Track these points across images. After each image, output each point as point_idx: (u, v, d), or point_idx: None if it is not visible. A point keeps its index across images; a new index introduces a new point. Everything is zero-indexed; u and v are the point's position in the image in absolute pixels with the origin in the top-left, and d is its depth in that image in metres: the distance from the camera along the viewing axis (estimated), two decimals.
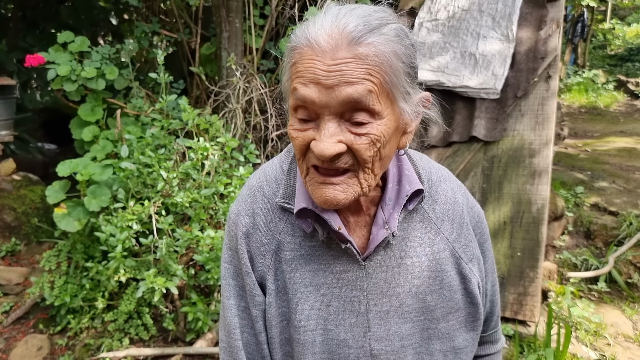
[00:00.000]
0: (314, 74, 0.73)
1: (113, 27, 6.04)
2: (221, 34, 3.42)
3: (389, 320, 0.91)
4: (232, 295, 0.94)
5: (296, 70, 0.76)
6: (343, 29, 0.74)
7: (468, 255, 0.96)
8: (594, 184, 4.95)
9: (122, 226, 2.76)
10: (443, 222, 0.95)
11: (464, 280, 0.95)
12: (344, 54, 0.73)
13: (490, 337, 1.10)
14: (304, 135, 0.78)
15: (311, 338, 0.89)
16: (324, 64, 0.73)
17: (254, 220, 0.92)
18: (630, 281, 3.66)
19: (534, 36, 3.59)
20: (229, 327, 0.93)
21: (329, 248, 0.90)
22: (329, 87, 0.73)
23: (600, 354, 2.93)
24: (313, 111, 0.76)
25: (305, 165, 0.81)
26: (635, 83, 10.78)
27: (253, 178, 0.98)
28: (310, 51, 0.74)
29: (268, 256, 0.91)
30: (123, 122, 3.27)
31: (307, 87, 0.74)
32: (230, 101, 3.35)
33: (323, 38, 0.74)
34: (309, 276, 0.90)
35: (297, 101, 0.76)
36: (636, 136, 7.38)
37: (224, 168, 3.06)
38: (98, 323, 3.09)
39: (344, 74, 0.72)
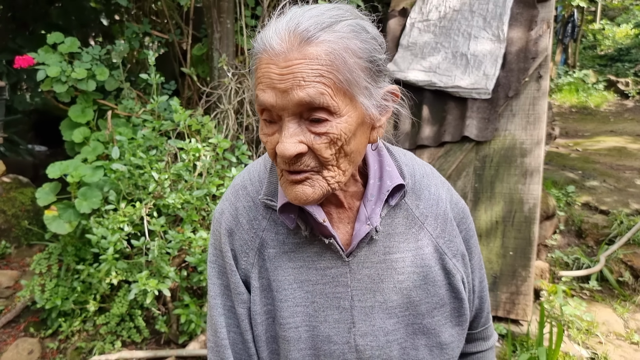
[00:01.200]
0: (269, 78, 0.74)
1: (104, 28, 6.00)
2: (212, 35, 3.41)
3: (373, 315, 0.91)
4: (217, 295, 0.94)
5: (257, 77, 0.78)
6: (294, 30, 0.74)
7: (452, 250, 0.97)
8: (585, 183, 4.99)
9: (113, 228, 2.74)
10: (427, 217, 0.95)
11: (448, 275, 0.96)
12: (295, 55, 0.73)
13: (481, 333, 1.10)
14: (272, 140, 0.79)
15: (297, 335, 0.90)
16: (277, 67, 0.74)
17: (237, 219, 0.93)
18: (621, 279, 3.69)
19: (524, 36, 3.61)
20: (215, 327, 0.94)
21: (312, 244, 0.90)
22: (283, 90, 0.73)
23: (592, 352, 2.95)
24: (275, 114, 0.77)
25: (279, 168, 0.82)
26: (625, 83, 10.87)
27: (238, 178, 0.99)
28: (266, 55, 0.75)
29: (252, 254, 0.92)
30: (114, 124, 3.25)
31: (266, 92, 0.75)
32: (222, 102, 3.34)
33: (276, 41, 0.74)
34: (292, 273, 0.91)
35: (259, 106, 0.78)
36: (626, 136, 7.45)
37: (216, 169, 3.04)
38: (90, 326, 3.06)
39: (295, 76, 0.73)
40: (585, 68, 12.06)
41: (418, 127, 3.59)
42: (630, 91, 10.47)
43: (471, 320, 1.06)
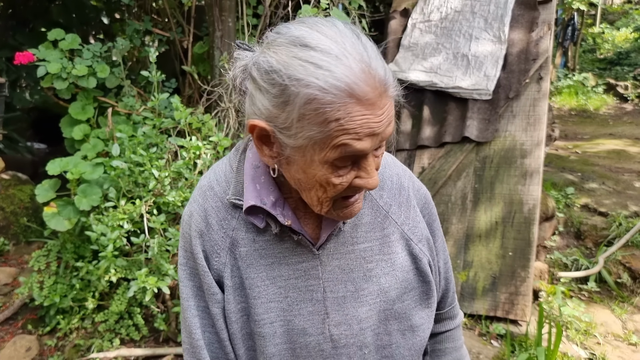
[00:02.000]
0: (369, 128, 0.73)
1: (105, 26, 5.99)
2: (214, 33, 3.41)
3: (346, 305, 0.94)
4: (190, 296, 0.94)
5: (343, 127, 0.72)
6: (376, 75, 0.73)
7: (417, 236, 1.01)
8: (584, 185, 5.00)
9: (113, 225, 2.73)
10: (391, 206, 0.99)
11: (415, 260, 1.00)
12: (385, 100, 0.74)
13: (448, 313, 1.14)
14: (347, 179, 0.79)
15: (272, 330, 0.91)
16: (375, 116, 0.73)
17: (207, 220, 0.93)
18: (619, 281, 3.69)
19: (525, 38, 3.62)
20: (189, 328, 0.94)
21: (282, 241, 0.92)
22: (379, 133, 0.75)
23: (590, 353, 2.95)
24: (356, 156, 0.77)
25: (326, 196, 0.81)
26: (624, 86, 10.90)
27: (204, 179, 0.98)
28: (358, 106, 0.72)
29: (223, 254, 0.92)
30: (114, 121, 3.25)
31: (363, 140, 0.74)
32: (222, 100, 3.34)
33: (366, 90, 0.71)
34: (265, 270, 0.92)
35: (346, 154, 0.75)
36: (625, 138, 7.46)
37: None
38: (88, 323, 3.05)
39: (388, 117, 0.76)
40: (584, 71, 12.09)
41: (419, 128, 3.59)
42: (630, 95, 10.49)
43: (438, 301, 1.11)
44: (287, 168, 0.83)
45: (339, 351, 0.94)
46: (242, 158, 0.95)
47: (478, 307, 3.19)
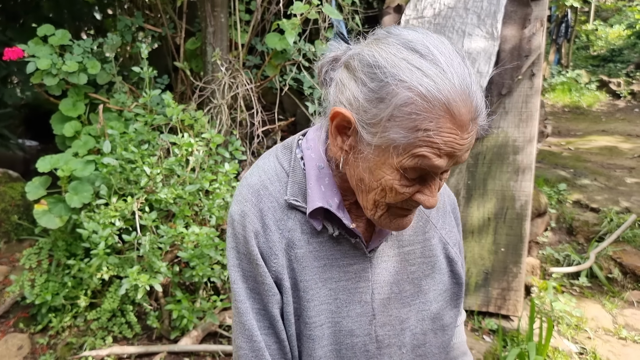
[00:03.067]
0: (452, 148, 0.74)
1: (97, 22, 5.94)
2: (206, 29, 3.40)
3: (390, 306, 0.97)
4: (245, 299, 0.92)
5: (429, 139, 0.73)
6: (473, 99, 0.74)
7: (452, 239, 1.06)
8: (576, 181, 5.02)
9: (104, 223, 2.72)
10: (431, 211, 1.03)
11: (451, 263, 1.04)
12: (473, 127, 0.76)
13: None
14: (411, 191, 0.81)
15: (321, 333, 0.92)
16: (461, 139, 0.74)
17: (263, 220, 0.91)
18: (610, 276, 3.72)
19: (518, 34, 3.62)
20: (249, 331, 0.91)
21: (337, 243, 0.93)
22: (458, 156, 0.76)
23: (581, 347, 2.97)
24: (427, 171, 0.79)
25: (388, 206, 0.84)
26: (617, 83, 10.95)
27: (252, 177, 0.95)
28: (451, 123, 0.73)
29: (280, 255, 0.91)
30: (106, 118, 3.22)
31: (442, 158, 0.75)
32: (215, 97, 3.32)
33: (462, 111, 0.73)
34: (317, 272, 0.92)
35: (421, 166, 0.76)
36: (617, 135, 7.50)
37: (209, 164, 3.03)
38: (80, 321, 3.04)
39: (470, 144, 0.77)
40: (578, 68, 12.13)
41: None
42: (622, 91, 10.55)
43: None
44: (354, 164, 0.83)
45: (382, 351, 0.96)
46: (297, 157, 0.94)
47: (470, 303, 3.21)
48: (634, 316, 3.32)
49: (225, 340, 2.99)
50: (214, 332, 3.02)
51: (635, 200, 4.57)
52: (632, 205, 4.47)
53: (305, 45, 3.28)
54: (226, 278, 2.94)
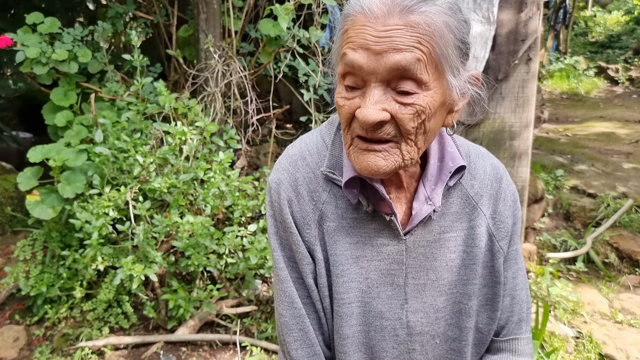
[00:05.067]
0: (364, 39, 0.74)
1: (90, 12, 5.87)
2: (199, 16, 3.35)
3: (425, 293, 0.92)
4: (284, 267, 0.92)
5: (347, 37, 0.77)
6: None
7: (501, 233, 0.96)
8: (573, 167, 5.01)
9: (98, 213, 2.70)
10: (481, 197, 0.95)
11: (493, 257, 0.95)
12: (395, 20, 0.73)
13: (510, 344, 1.01)
14: (351, 104, 0.78)
15: (349, 310, 0.91)
16: (374, 30, 0.73)
17: (297, 189, 0.91)
18: (607, 261, 3.72)
19: (514, 18, 3.58)
20: (290, 297, 0.91)
21: (371, 221, 0.90)
22: (377, 52, 0.73)
23: (577, 332, 2.98)
24: (360, 78, 0.77)
25: (350, 136, 0.81)
26: (615, 69, 10.91)
27: (293, 148, 0.96)
28: (363, 17, 0.75)
29: (313, 226, 0.91)
30: (98, 107, 3.19)
31: (356, 52, 0.75)
32: (209, 85, 3.29)
33: (376, 5, 0.74)
34: (349, 248, 0.90)
35: (346, 67, 0.77)
36: (615, 121, 7.48)
37: (202, 153, 3.01)
38: (77, 313, 3.03)
39: (393, 40, 0.73)
40: (576, 54, 12.08)
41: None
42: (620, 77, 10.51)
43: (500, 323, 1.00)
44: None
45: (413, 338, 0.94)
46: (338, 132, 0.93)
47: None
48: (630, 300, 3.32)
49: (222, 329, 2.99)
50: (211, 321, 3.01)
51: (632, 186, 4.56)
52: (629, 190, 4.46)
53: (299, 32, 3.25)
54: (222, 267, 2.93)
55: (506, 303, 0.99)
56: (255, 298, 3.13)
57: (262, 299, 3.14)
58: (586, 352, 2.82)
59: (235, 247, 2.79)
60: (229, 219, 3.17)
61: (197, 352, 2.82)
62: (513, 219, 0.98)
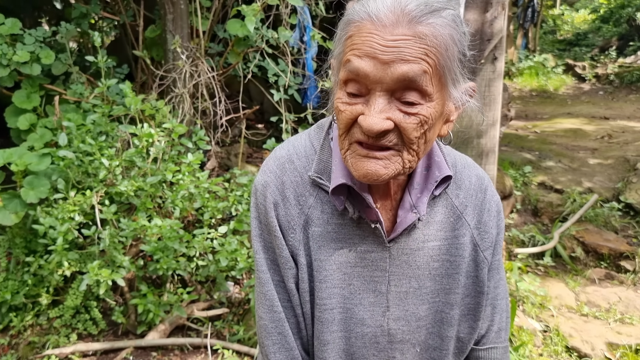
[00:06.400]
0: (371, 47, 0.73)
1: (58, 11, 5.74)
2: (165, 16, 3.31)
3: (407, 301, 0.93)
4: (266, 270, 0.92)
5: (352, 43, 0.76)
6: (405, 7, 0.73)
7: (486, 243, 0.97)
8: (541, 163, 5.12)
9: (63, 218, 2.64)
10: (466, 207, 0.96)
11: (477, 267, 0.96)
12: (403, 30, 0.72)
13: (489, 353, 1.02)
14: (352, 109, 0.77)
15: (331, 316, 0.91)
16: (382, 39, 0.72)
17: (283, 193, 0.90)
18: (573, 255, 3.82)
19: (480, 18, 3.64)
20: (270, 301, 0.91)
21: (356, 227, 0.90)
22: (384, 62, 0.72)
23: (545, 325, 3.05)
24: (364, 85, 0.76)
25: (348, 141, 0.80)
26: (582, 67, 11.20)
27: (281, 150, 0.95)
28: (370, 25, 0.74)
29: (298, 230, 0.90)
30: (63, 110, 3.12)
31: (362, 60, 0.74)
32: (177, 86, 3.25)
33: (384, 13, 0.73)
34: (333, 254, 0.90)
35: (350, 74, 0.76)
36: (582, 117, 7.68)
37: (171, 155, 2.97)
38: (43, 320, 2.96)
39: (401, 50, 0.72)
40: (545, 52, 12.34)
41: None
42: (587, 75, 10.79)
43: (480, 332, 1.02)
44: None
45: (394, 346, 0.94)
46: (327, 137, 0.93)
47: None
48: (595, 293, 3.41)
49: (193, 333, 2.96)
50: (182, 325, 2.98)
51: (598, 181, 4.69)
52: (594, 185, 4.58)
53: (268, 32, 3.23)
54: (193, 270, 2.90)
55: (487, 312, 1.00)
56: (227, 300, 3.11)
57: (234, 301, 3.12)
58: (553, 345, 2.89)
59: (205, 249, 2.77)
60: (199, 221, 3.14)
61: (168, 356, 2.79)
62: (497, 229, 0.99)
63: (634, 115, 7.69)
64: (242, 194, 2.97)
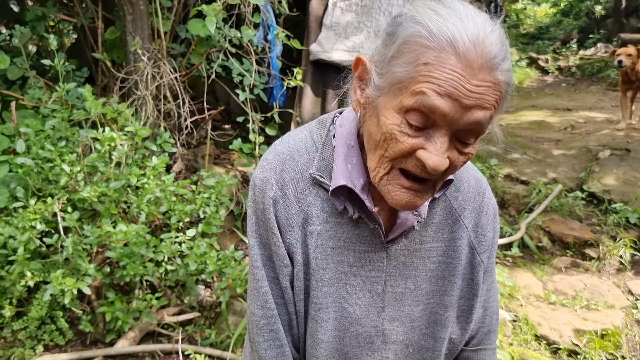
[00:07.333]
0: (455, 88, 0.68)
1: (16, 14, 5.55)
2: (125, 18, 3.24)
3: (403, 302, 0.93)
4: (261, 265, 0.91)
5: (430, 74, 0.69)
6: (487, 46, 0.69)
7: (483, 246, 0.97)
8: (507, 156, 5.23)
9: (24, 227, 2.56)
10: (464, 210, 0.95)
11: (473, 270, 0.96)
12: (486, 76, 0.69)
13: (478, 354, 1.03)
14: (413, 143, 0.73)
15: (326, 315, 0.90)
16: (469, 83, 0.68)
17: (283, 189, 0.89)
18: (540, 245, 3.91)
19: None
20: (264, 297, 0.91)
21: (355, 227, 0.89)
22: (465, 106, 0.69)
23: (514, 315, 3.11)
24: (432, 121, 0.72)
25: (390, 165, 0.77)
26: (545, 60, 11.47)
27: (281, 145, 0.93)
28: (455, 60, 0.68)
29: (296, 228, 0.89)
30: (20, 115, 3.02)
31: (443, 98, 0.69)
32: (138, 88, 3.18)
33: (473, 53, 0.68)
34: (331, 253, 0.89)
35: (421, 107, 0.71)
36: (546, 109, 7.87)
37: (135, 159, 2.91)
38: (7, 332, 2.87)
39: (482, 97, 0.70)
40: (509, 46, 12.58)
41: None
42: (550, 67, 11.05)
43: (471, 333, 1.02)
44: (368, 120, 0.80)
45: (387, 346, 0.94)
46: (329, 134, 0.91)
47: None
48: (562, 281, 3.50)
49: (164, 338, 2.91)
50: (152, 331, 2.93)
51: (562, 171, 4.81)
52: (558, 175, 4.70)
53: (230, 31, 3.20)
54: (162, 275, 2.85)
55: (479, 314, 1.01)
56: (198, 304, 3.07)
57: (205, 305, 3.08)
58: (523, 334, 2.95)
59: (174, 253, 2.72)
60: (166, 225, 3.09)
61: None
62: (493, 232, 1.00)
63: (595, 106, 7.92)
64: (210, 196, 2.94)
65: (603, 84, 9.53)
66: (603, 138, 5.81)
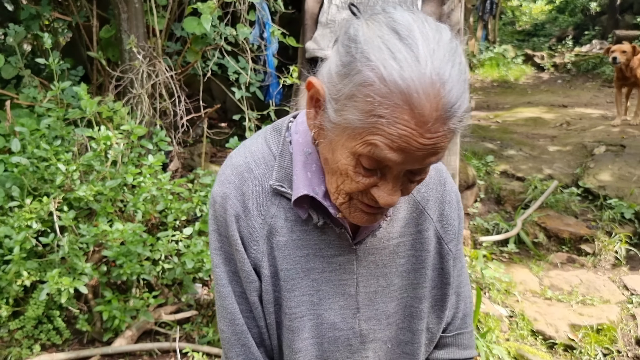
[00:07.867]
0: (408, 144, 0.67)
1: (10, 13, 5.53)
2: (120, 16, 3.23)
3: (376, 300, 0.93)
4: (227, 282, 0.90)
5: (382, 128, 0.67)
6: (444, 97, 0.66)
7: (449, 235, 0.98)
8: (503, 152, 5.25)
9: (19, 226, 2.56)
10: (428, 201, 0.96)
11: (442, 259, 0.97)
12: (440, 128, 0.67)
13: (456, 339, 1.05)
14: (368, 182, 0.74)
15: (301, 324, 0.90)
16: (420, 136, 0.66)
17: (244, 204, 0.87)
18: (536, 241, 3.92)
19: (438, 10, 3.69)
20: (232, 315, 0.90)
21: (321, 232, 0.89)
22: (417, 157, 0.69)
23: (511, 311, 3.13)
24: (384, 164, 0.72)
25: (349, 197, 0.79)
26: (540, 57, 11.51)
27: (237, 157, 0.90)
28: (409, 115, 0.65)
29: (261, 242, 0.88)
30: (15, 114, 3.01)
31: (395, 152, 0.68)
32: (134, 86, 3.18)
33: (428, 109, 0.65)
34: (300, 262, 0.89)
35: (373, 155, 0.70)
36: (541, 106, 7.89)
37: (131, 157, 2.91)
38: (4, 332, 2.86)
39: (435, 147, 0.69)
40: (505, 43, 12.62)
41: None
42: (546, 64, 11.09)
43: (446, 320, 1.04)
44: (322, 142, 0.79)
45: (367, 346, 0.94)
46: (286, 141, 0.89)
47: None
48: (558, 277, 3.52)
49: (162, 337, 2.92)
50: (150, 330, 2.93)
51: (557, 167, 4.84)
52: (554, 172, 4.72)
53: (226, 29, 3.19)
54: (159, 274, 2.85)
55: (452, 301, 1.02)
56: (196, 302, 3.07)
57: (203, 303, 3.08)
58: (519, 329, 2.97)
59: (171, 252, 2.72)
60: (163, 224, 3.09)
61: None
62: (458, 219, 1.00)
63: (591, 103, 7.96)
64: (207, 194, 2.94)
65: (598, 81, 9.57)
66: (598, 134, 5.84)
